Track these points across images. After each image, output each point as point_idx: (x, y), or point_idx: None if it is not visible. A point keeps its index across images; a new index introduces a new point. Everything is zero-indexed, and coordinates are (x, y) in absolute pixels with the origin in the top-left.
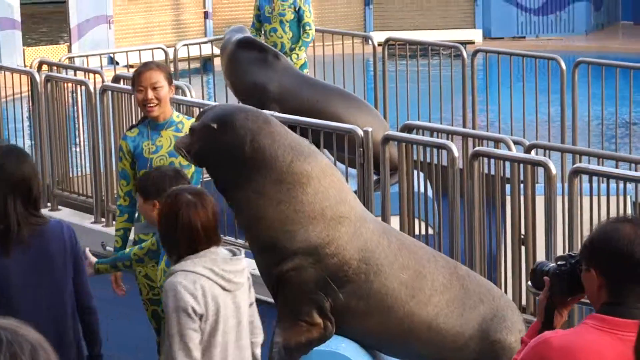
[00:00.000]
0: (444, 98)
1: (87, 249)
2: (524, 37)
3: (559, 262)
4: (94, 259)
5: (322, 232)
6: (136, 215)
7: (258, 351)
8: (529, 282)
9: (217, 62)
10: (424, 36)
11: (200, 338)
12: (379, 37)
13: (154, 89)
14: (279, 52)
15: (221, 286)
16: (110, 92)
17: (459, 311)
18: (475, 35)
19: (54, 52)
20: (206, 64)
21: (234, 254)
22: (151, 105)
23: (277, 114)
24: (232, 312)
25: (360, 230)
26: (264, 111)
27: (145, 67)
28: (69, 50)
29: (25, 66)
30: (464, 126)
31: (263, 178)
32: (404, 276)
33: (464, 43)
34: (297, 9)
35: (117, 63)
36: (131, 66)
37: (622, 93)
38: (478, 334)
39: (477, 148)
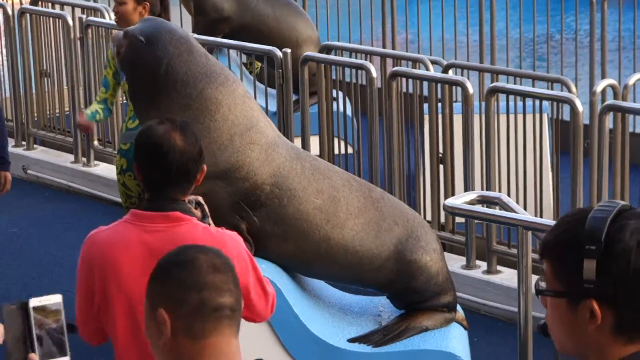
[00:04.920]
0: (363, 17)
1: None
2: None
3: None
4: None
5: (231, 157)
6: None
7: None
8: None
9: None
10: None
11: None
12: None
13: (119, 3)
14: None
15: None
16: (28, 15)
17: (375, 233)
18: None
19: None
20: None
21: None
22: (116, 19)
23: (202, 37)
24: None
25: (272, 155)
26: (191, 36)
27: None
28: None
29: None
30: (384, 46)
31: (171, 103)
32: (318, 201)
33: None
34: None
35: None
36: None
37: (540, 10)
38: (394, 255)
39: (395, 68)
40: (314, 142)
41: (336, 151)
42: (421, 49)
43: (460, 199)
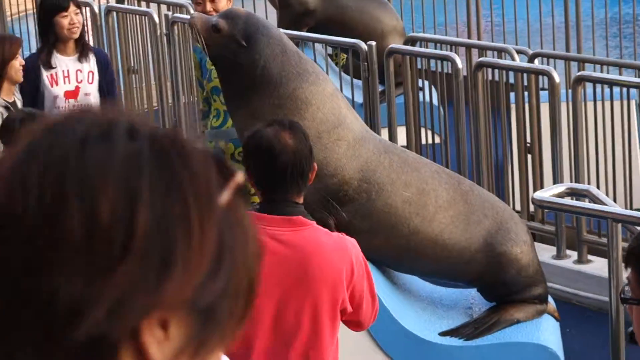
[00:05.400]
0: (447, 6)
1: None
2: None
3: None
4: None
5: (319, 154)
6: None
7: None
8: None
9: None
10: None
11: None
12: None
13: (212, 1)
14: None
15: None
16: (115, 13)
17: (464, 226)
18: None
19: None
20: None
21: None
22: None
23: (287, 31)
24: None
25: (360, 151)
26: (284, 35)
27: None
28: None
29: None
30: (469, 36)
31: (263, 102)
32: (407, 194)
33: None
34: None
35: None
36: None
37: None
38: (484, 248)
39: (480, 59)
40: (401, 132)
41: (423, 141)
42: (506, 36)
43: (548, 192)
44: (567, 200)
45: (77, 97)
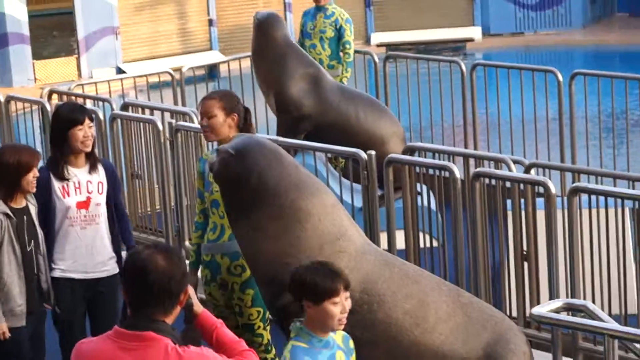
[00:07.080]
0: (444, 111)
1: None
2: (523, 33)
3: None
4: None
5: None
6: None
7: None
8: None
9: (223, 67)
10: (424, 35)
11: None
12: (378, 38)
13: (209, 117)
14: (321, 67)
15: None
16: (119, 120)
17: (463, 338)
18: (474, 32)
19: (63, 65)
20: (212, 70)
21: None
22: (206, 131)
23: (288, 140)
24: None
25: (361, 263)
26: (279, 147)
27: (206, 96)
28: (78, 63)
29: (35, 79)
30: (465, 144)
31: (262, 213)
32: (408, 306)
33: (464, 41)
34: (338, 27)
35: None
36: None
37: (620, 103)
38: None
39: (477, 169)
40: (400, 236)
41: (421, 245)
42: (502, 145)
43: (546, 307)
44: (565, 316)
45: (89, 207)
